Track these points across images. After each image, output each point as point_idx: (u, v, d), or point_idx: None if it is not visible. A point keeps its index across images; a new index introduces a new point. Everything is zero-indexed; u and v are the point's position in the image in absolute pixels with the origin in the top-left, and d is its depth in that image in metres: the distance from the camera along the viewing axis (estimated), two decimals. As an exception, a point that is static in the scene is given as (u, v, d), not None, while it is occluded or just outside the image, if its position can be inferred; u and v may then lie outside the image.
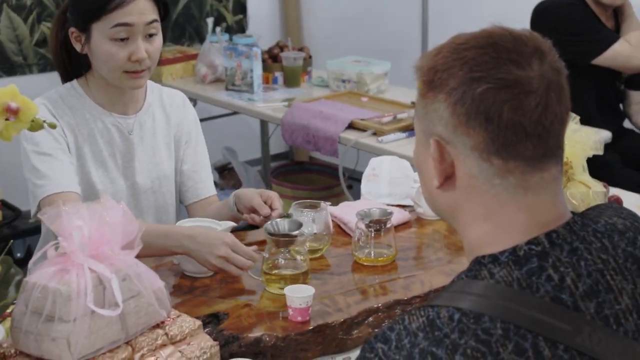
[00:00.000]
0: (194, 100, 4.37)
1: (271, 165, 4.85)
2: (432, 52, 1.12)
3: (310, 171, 4.67)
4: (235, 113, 4.34)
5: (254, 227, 2.17)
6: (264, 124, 4.79)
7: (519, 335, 1.00)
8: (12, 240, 3.78)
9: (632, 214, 1.18)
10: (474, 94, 1.06)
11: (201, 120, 2.37)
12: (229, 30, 4.98)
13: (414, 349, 1.01)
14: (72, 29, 2.08)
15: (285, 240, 1.86)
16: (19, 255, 3.96)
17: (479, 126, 1.06)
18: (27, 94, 1.46)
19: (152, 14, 2.06)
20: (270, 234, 1.86)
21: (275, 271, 1.83)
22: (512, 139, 1.06)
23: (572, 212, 1.13)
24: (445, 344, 1.00)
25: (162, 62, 4.18)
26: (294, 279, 1.80)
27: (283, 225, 1.89)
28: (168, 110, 2.25)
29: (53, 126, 1.49)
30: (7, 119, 1.42)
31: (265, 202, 2.06)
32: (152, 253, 1.90)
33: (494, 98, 1.05)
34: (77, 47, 2.08)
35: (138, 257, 1.51)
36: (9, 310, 1.46)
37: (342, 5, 5.07)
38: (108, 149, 2.14)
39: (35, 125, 1.44)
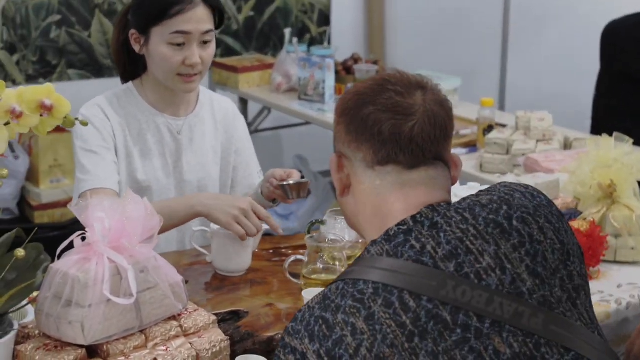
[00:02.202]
0: (268, 109, 4.48)
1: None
2: (350, 88, 1.41)
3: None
4: (307, 123, 4.42)
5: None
6: (338, 135, 4.84)
7: (386, 291, 1.23)
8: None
9: (510, 189, 1.37)
10: (363, 114, 1.32)
11: (275, 128, 2.46)
12: (313, 41, 5.06)
13: (311, 319, 1.25)
14: (132, 31, 2.19)
15: (296, 187, 2.09)
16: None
17: (365, 141, 1.32)
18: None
19: (208, 23, 2.16)
20: (281, 185, 2.10)
21: (315, 276, 1.88)
22: (390, 152, 1.32)
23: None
24: (331, 307, 1.24)
25: (240, 69, 4.30)
26: None
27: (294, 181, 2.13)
28: (218, 117, 2.35)
29: (84, 124, 1.59)
30: (41, 115, 1.51)
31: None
32: (179, 221, 2.07)
33: (377, 118, 1.31)
34: (136, 48, 2.20)
35: (165, 230, 1.86)
36: (35, 294, 1.55)
37: (425, 20, 5.09)
38: (158, 147, 2.25)
39: (68, 122, 1.54)
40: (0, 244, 1.56)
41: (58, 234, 4.01)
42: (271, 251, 2.12)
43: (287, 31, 4.49)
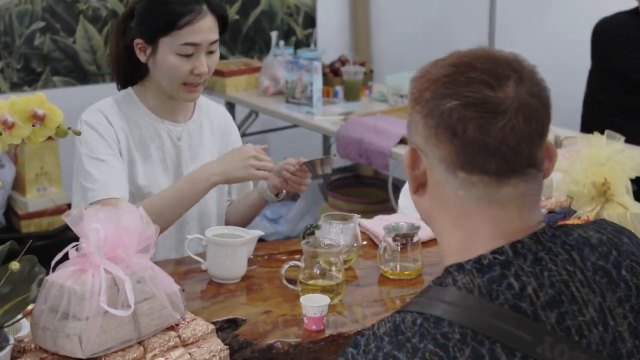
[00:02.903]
0: (255, 113, 4.46)
1: (331, 180, 4.89)
2: (424, 66, 1.17)
3: (368, 185, 4.69)
4: (295, 126, 4.40)
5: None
6: (325, 138, 4.83)
7: (476, 340, 1.03)
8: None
9: (616, 230, 1.20)
10: (443, 108, 1.11)
11: (262, 132, 2.47)
12: (299, 44, 5.05)
13: (379, 353, 1.06)
14: (138, 40, 2.17)
15: (320, 162, 2.15)
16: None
17: (446, 140, 1.11)
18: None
19: (215, 32, 2.16)
20: (307, 162, 2.16)
21: (312, 281, 1.87)
22: (475, 156, 1.10)
23: (548, 225, 1.15)
24: (407, 347, 1.04)
25: (226, 73, 4.28)
26: (329, 290, 1.83)
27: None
28: (215, 125, 2.35)
29: (77, 133, 1.56)
30: (33, 125, 1.49)
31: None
32: (192, 202, 2.14)
33: (460, 115, 1.09)
34: (142, 57, 2.18)
35: (183, 212, 2.06)
36: (30, 307, 1.53)
37: (410, 21, 5.09)
38: (159, 154, 2.24)
39: (60, 132, 1.52)
40: (-7, 257, 1.54)
41: (45, 242, 3.98)
42: (266, 257, 2.11)
43: (274, 34, 4.48)
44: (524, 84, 1.10)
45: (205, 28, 2.12)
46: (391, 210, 4.12)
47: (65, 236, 4.15)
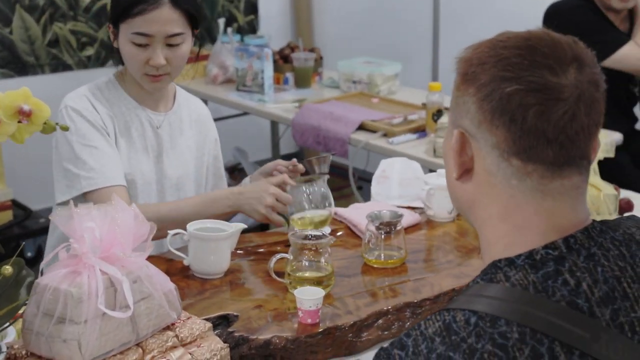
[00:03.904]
0: (205, 101, 4.38)
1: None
2: (474, 46, 1.13)
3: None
4: (245, 114, 4.35)
5: (264, 227, 2.20)
6: (274, 125, 4.79)
7: (535, 339, 0.99)
8: (23, 242, 3.82)
9: None
10: (502, 93, 1.06)
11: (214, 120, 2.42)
12: (240, 30, 4.98)
13: (431, 354, 1.01)
14: (109, 23, 2.15)
15: (317, 161, 2.12)
16: (29, 254, 3.98)
17: (502, 125, 1.06)
18: (39, 95, 1.46)
19: (175, 26, 2.07)
20: (304, 162, 2.13)
21: (299, 273, 1.83)
22: (533, 143, 1.05)
23: (593, 220, 1.13)
24: (462, 348, 1.00)
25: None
26: (318, 282, 1.80)
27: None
28: (194, 119, 2.31)
29: (65, 128, 1.50)
30: (19, 122, 1.42)
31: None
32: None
33: (521, 100, 1.05)
34: (113, 41, 2.14)
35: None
36: (20, 312, 1.46)
37: (353, 7, 5.07)
38: (141, 141, 2.19)
39: (48, 128, 1.45)
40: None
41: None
42: (248, 249, 2.06)
43: (221, 21, 4.41)
44: (585, 72, 1.07)
45: (161, 19, 2.05)
46: (349, 196, 4.11)
47: (11, 233, 4.03)
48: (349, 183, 3.60)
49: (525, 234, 1.09)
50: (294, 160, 2.18)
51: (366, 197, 3.51)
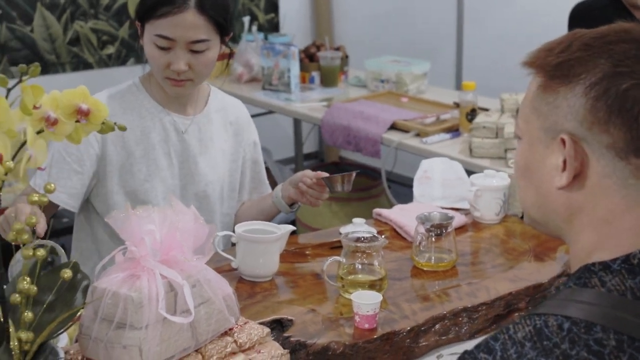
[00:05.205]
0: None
1: (304, 165, 4.81)
2: (556, 47, 1.07)
3: (345, 171, 4.61)
4: (268, 113, 4.30)
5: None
6: (297, 124, 4.74)
7: (633, 347, 0.96)
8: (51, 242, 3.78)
9: None
10: (618, 89, 1.01)
11: None
12: (261, 29, 4.94)
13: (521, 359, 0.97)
14: (135, 19, 2.09)
15: (340, 179, 2.05)
16: (53, 255, 3.94)
17: (620, 124, 1.01)
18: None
19: (200, 32, 2.00)
20: (326, 178, 2.06)
21: (352, 277, 1.79)
22: None
23: None
24: (555, 354, 0.96)
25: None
26: (371, 285, 1.76)
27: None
28: (230, 120, 2.24)
29: (123, 128, 1.45)
30: (77, 121, 1.38)
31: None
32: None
33: (637, 95, 1.00)
34: (140, 38, 2.09)
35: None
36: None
37: (373, 4, 5.02)
38: (163, 147, 2.13)
39: (106, 128, 1.40)
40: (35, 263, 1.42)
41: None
42: (296, 251, 2.02)
43: (246, 19, 4.37)
44: None
45: (186, 24, 1.98)
46: (378, 196, 4.05)
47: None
48: (377, 182, 3.55)
49: (628, 237, 1.04)
50: (320, 172, 2.10)
51: (396, 197, 3.46)
